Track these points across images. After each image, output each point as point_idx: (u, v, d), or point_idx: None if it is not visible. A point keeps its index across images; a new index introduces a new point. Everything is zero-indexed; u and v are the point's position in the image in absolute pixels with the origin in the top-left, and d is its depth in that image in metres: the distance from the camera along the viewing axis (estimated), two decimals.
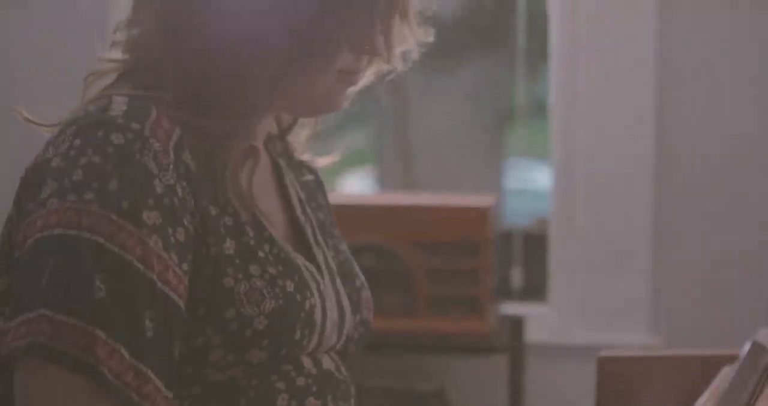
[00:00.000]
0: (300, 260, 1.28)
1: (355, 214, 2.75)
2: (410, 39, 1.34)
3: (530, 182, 3.86)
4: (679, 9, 2.99)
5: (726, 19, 2.98)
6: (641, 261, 3.03)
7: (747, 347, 1.27)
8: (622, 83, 3.03)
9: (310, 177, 1.44)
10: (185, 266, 1.17)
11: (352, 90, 1.33)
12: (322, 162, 1.45)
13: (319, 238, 1.36)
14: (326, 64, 1.25)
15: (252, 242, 1.22)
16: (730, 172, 3.01)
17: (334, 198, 1.50)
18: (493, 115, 3.90)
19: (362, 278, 1.39)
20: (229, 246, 1.20)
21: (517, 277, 3.26)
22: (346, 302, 1.33)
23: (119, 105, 1.20)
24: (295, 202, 1.36)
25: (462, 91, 3.81)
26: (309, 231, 1.34)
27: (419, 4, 1.33)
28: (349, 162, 3.85)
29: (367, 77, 1.35)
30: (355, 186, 3.98)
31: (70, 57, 3.05)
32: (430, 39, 1.36)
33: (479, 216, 2.78)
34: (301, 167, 1.43)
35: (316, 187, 1.44)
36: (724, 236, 3.01)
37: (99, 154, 1.15)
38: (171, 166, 1.18)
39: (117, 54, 1.27)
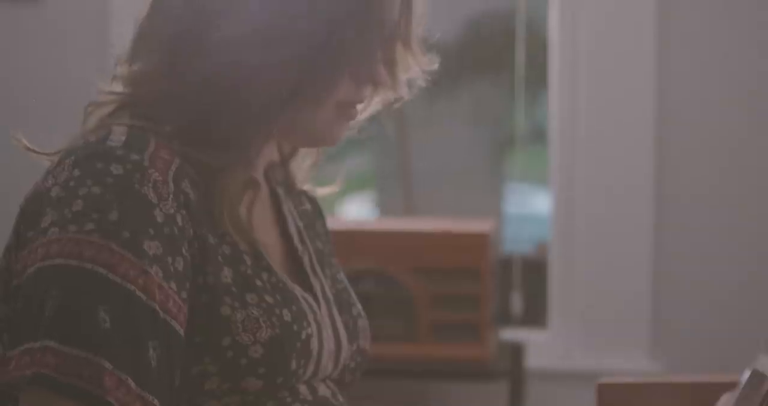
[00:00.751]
0: (297, 290, 1.28)
1: (355, 239, 2.75)
2: (415, 67, 1.34)
3: (530, 207, 3.86)
4: (678, 36, 3.00)
5: (726, 47, 2.98)
6: (641, 287, 3.03)
7: (747, 374, 1.27)
8: (622, 109, 3.03)
9: (308, 206, 1.44)
10: (184, 295, 1.18)
11: (353, 122, 1.33)
12: (321, 191, 1.46)
13: (317, 267, 1.36)
14: (326, 96, 1.25)
15: (249, 271, 1.23)
16: (731, 198, 3.01)
17: (333, 224, 1.50)
18: (493, 140, 3.90)
19: (359, 307, 1.39)
20: (227, 275, 1.21)
21: (517, 303, 3.25)
22: (342, 332, 1.33)
23: (118, 135, 1.20)
24: (293, 231, 1.36)
25: (462, 117, 3.82)
26: (306, 261, 1.35)
27: (421, 32, 1.33)
28: (349, 187, 3.85)
29: (373, 106, 1.36)
30: (355, 211, 3.98)
31: (70, 84, 3.06)
32: (435, 66, 1.36)
33: (479, 242, 2.78)
34: (300, 196, 1.43)
35: (315, 216, 1.45)
36: (724, 263, 3.01)
37: (99, 184, 1.16)
38: (170, 195, 1.18)
39: (117, 87, 1.27)
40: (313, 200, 1.46)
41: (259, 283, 1.23)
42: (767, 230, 3.00)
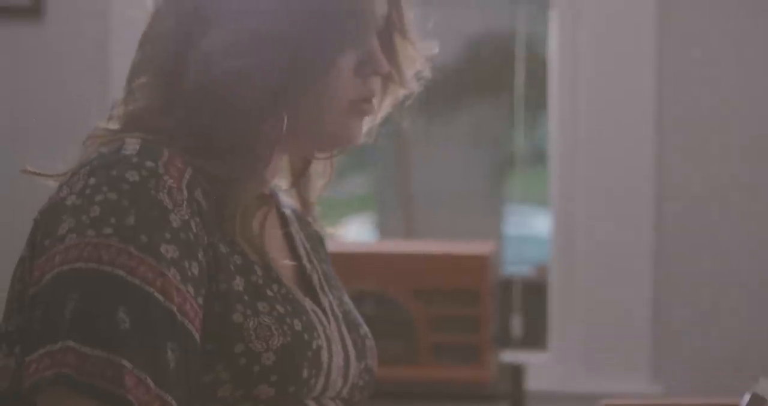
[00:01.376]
0: (308, 303, 1.29)
1: (356, 261, 2.75)
2: (418, 59, 1.35)
3: (530, 229, 3.86)
4: (678, 58, 3.00)
5: (727, 70, 2.99)
6: (641, 309, 3.02)
7: (747, 397, 1.27)
8: (621, 130, 3.03)
9: (313, 230, 1.45)
10: (200, 300, 1.19)
11: (370, 122, 1.34)
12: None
13: (325, 286, 1.37)
14: (332, 91, 1.26)
15: (260, 281, 1.24)
16: (733, 225, 3.01)
17: (334, 245, 1.51)
18: (492, 161, 3.90)
19: (366, 328, 1.40)
20: (239, 283, 1.22)
21: (517, 325, 3.25)
22: (351, 349, 1.34)
23: (132, 145, 1.22)
24: (301, 252, 1.38)
25: (461, 138, 3.82)
26: (316, 279, 1.36)
27: (413, 18, 1.34)
28: (350, 209, 3.85)
29: (385, 108, 1.36)
30: (356, 233, 3.98)
31: (70, 102, 3.07)
32: (436, 50, 1.37)
33: (479, 264, 2.78)
34: (305, 219, 1.45)
35: (319, 241, 1.46)
36: (724, 287, 3.01)
37: (115, 190, 1.17)
38: (184, 202, 1.20)
39: (114, 125, 1.29)
40: (317, 227, 1.47)
41: (269, 293, 1.24)
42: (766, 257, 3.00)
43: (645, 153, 3.02)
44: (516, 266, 3.59)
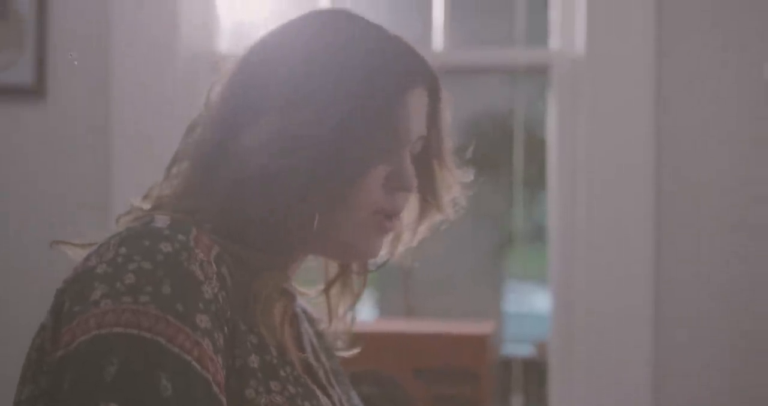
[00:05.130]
0: (318, 391, 1.31)
1: (355, 340, 2.75)
2: (455, 185, 1.37)
3: (530, 306, 3.86)
4: (677, 137, 3.02)
5: (726, 146, 3.00)
6: (642, 387, 3.01)
7: None
8: (620, 208, 3.04)
9: (323, 326, 1.48)
10: (224, 372, 1.21)
11: (407, 243, 1.36)
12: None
13: (333, 381, 1.39)
14: (357, 202, 1.28)
15: (275, 361, 1.26)
16: (734, 295, 3.01)
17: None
18: (492, 239, 3.91)
19: None
20: (254, 360, 1.24)
21: (517, 404, 3.23)
22: None
23: (162, 221, 1.25)
24: (308, 349, 1.41)
25: (461, 215, 3.83)
26: (322, 374, 1.38)
27: (452, 146, 1.37)
28: None
29: (421, 232, 1.38)
30: (356, 310, 3.97)
31: (73, 181, 3.08)
32: (471, 178, 1.39)
33: (479, 344, 2.77)
34: (313, 318, 1.48)
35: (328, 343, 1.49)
36: (726, 362, 3.00)
37: (148, 260, 1.19)
38: (215, 275, 1.22)
39: (147, 205, 1.34)
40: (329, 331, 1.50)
41: (282, 373, 1.26)
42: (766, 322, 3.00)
43: (644, 230, 3.02)
44: (516, 341, 3.58)
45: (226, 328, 1.21)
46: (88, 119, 3.13)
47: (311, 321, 1.46)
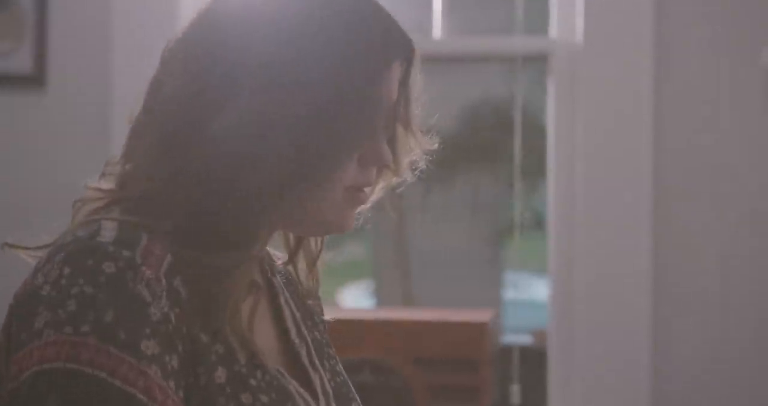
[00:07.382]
0: (293, 386, 1.27)
1: (354, 329, 2.75)
2: (416, 149, 1.33)
3: (529, 294, 3.86)
4: (676, 125, 3.02)
5: (725, 135, 3.00)
6: (641, 376, 3.01)
7: None
8: (619, 197, 3.04)
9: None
10: (180, 393, 1.16)
11: (363, 208, 1.32)
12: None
13: (315, 360, 1.34)
14: (333, 180, 1.23)
15: (244, 370, 1.21)
16: (731, 290, 3.00)
17: (332, 313, 1.49)
18: (491, 228, 3.91)
19: (358, 400, 1.38)
20: (220, 375, 1.19)
21: (516, 393, 3.24)
22: None
23: (109, 231, 1.18)
24: (289, 324, 1.35)
25: (460, 205, 3.83)
26: (304, 354, 1.33)
27: (419, 113, 1.33)
28: (347, 275, 3.85)
29: (376, 192, 1.34)
30: (353, 300, 3.97)
31: (72, 172, 3.08)
32: (435, 146, 1.35)
33: (478, 332, 2.78)
34: (298, 283, 1.43)
35: (314, 309, 1.44)
36: (726, 356, 3.00)
37: (91, 283, 1.13)
38: (164, 293, 1.15)
39: (106, 185, 1.25)
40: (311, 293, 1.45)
41: (253, 382, 1.21)
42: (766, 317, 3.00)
43: (643, 219, 3.02)
44: (515, 329, 3.58)
45: (181, 347, 1.16)
46: (88, 107, 3.13)
47: (294, 289, 1.40)
